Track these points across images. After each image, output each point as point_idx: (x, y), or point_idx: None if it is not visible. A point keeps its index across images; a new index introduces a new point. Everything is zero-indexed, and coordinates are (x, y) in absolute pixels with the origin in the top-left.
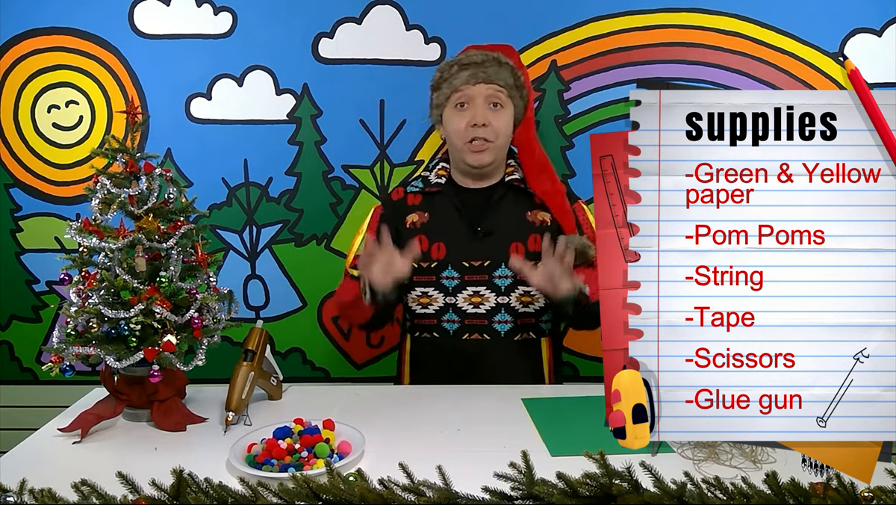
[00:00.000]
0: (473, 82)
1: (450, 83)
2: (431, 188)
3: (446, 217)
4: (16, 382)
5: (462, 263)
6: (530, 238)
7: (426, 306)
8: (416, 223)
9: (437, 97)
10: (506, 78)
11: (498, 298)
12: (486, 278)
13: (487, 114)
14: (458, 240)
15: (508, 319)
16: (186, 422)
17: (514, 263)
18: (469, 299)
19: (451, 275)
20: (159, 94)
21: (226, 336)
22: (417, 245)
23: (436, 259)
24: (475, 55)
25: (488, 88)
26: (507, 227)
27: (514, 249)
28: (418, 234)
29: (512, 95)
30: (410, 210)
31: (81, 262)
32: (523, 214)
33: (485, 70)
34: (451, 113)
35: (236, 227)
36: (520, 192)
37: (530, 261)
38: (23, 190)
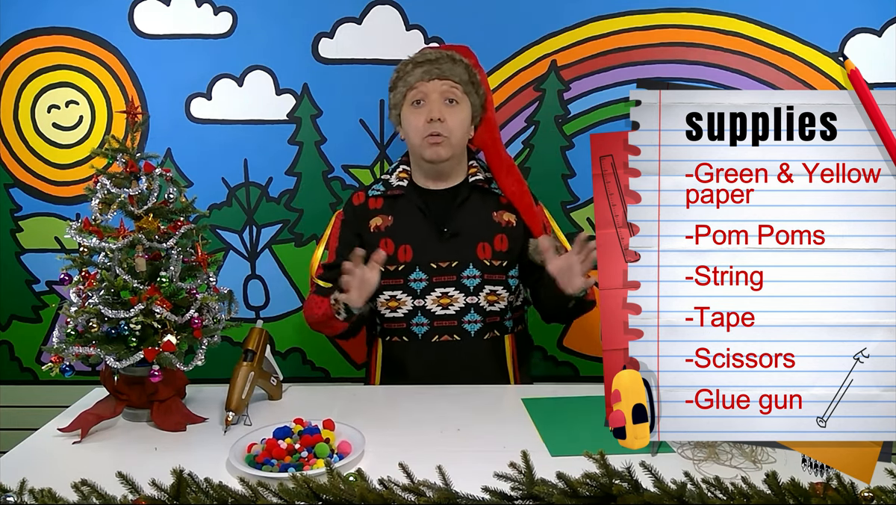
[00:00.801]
0: (428, 78)
1: (405, 81)
2: (394, 191)
3: (411, 219)
4: (16, 382)
5: (430, 265)
6: (497, 238)
7: (395, 310)
8: (380, 227)
9: (393, 97)
10: (460, 74)
11: (467, 298)
12: (454, 279)
13: (443, 109)
14: (424, 242)
15: (478, 318)
16: (186, 422)
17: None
18: (438, 301)
19: (418, 277)
20: (159, 94)
21: (226, 336)
22: (381, 250)
23: (403, 262)
24: (430, 53)
25: (443, 84)
26: (473, 227)
27: (481, 249)
28: (383, 237)
29: (468, 92)
30: (373, 214)
31: (81, 262)
32: (489, 215)
33: (439, 66)
34: (408, 111)
35: (236, 227)
36: (485, 193)
37: (497, 260)
38: (23, 190)
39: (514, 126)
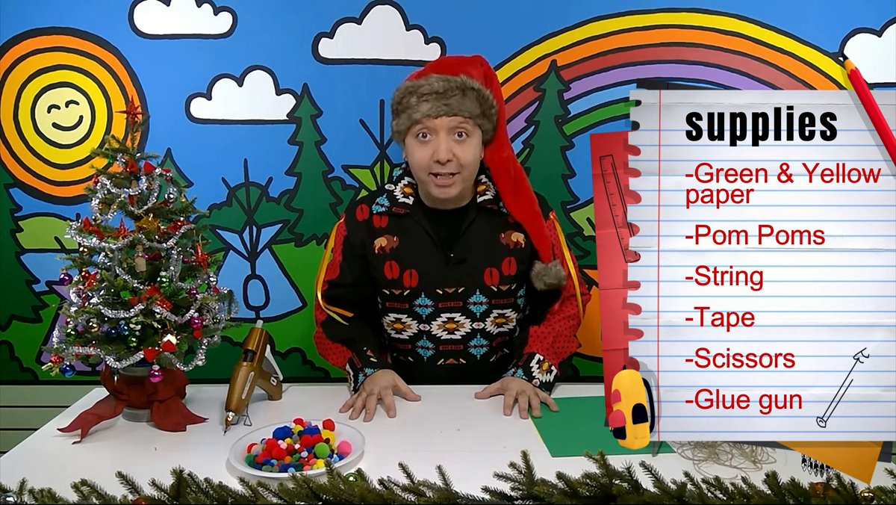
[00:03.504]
0: (435, 115)
1: (409, 115)
2: (398, 209)
3: (417, 243)
4: (16, 382)
5: (436, 291)
6: (504, 262)
7: (400, 332)
8: (384, 248)
9: (397, 124)
10: (470, 108)
11: (473, 323)
12: (460, 305)
13: (452, 146)
14: (430, 267)
15: (484, 343)
16: (186, 422)
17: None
18: (444, 326)
19: (424, 303)
20: (159, 94)
21: (226, 336)
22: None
23: (408, 287)
24: (437, 83)
25: (451, 121)
26: (480, 252)
27: (488, 276)
28: (388, 259)
29: (479, 123)
30: (378, 233)
31: (81, 262)
32: (496, 237)
33: (447, 102)
34: (412, 143)
35: (236, 227)
36: (492, 214)
37: (504, 285)
38: (23, 190)
39: (514, 126)
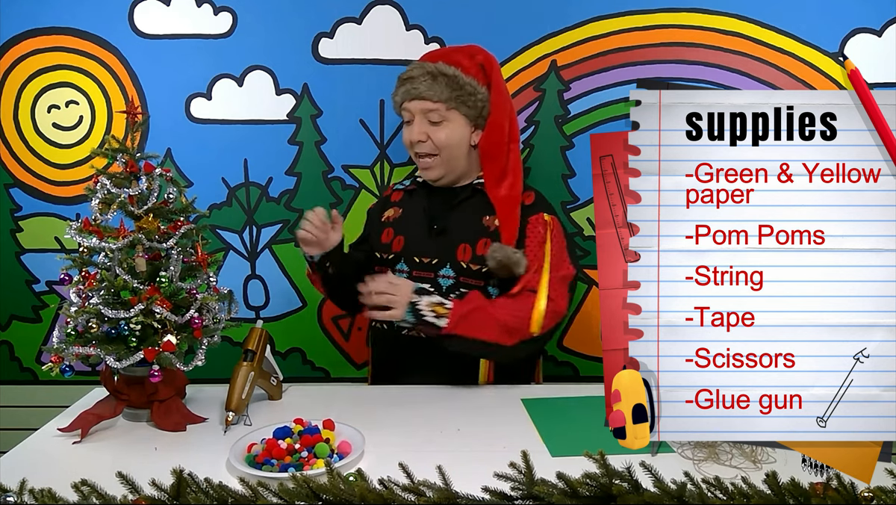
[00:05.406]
0: (409, 98)
1: (394, 99)
2: (412, 186)
3: (414, 214)
4: (16, 382)
5: (413, 259)
6: (480, 242)
7: None
8: (389, 217)
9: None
10: (440, 93)
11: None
12: (431, 276)
13: (426, 128)
14: (415, 235)
15: None
16: (186, 422)
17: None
18: None
19: (402, 268)
20: (159, 94)
21: (226, 336)
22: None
23: (394, 252)
24: (414, 68)
25: (421, 105)
26: (460, 228)
27: (462, 251)
28: (388, 227)
29: (455, 106)
30: (389, 206)
31: (81, 262)
32: (480, 218)
33: (416, 86)
34: (404, 125)
35: (236, 227)
36: (483, 196)
37: (475, 265)
38: (23, 190)
39: None
